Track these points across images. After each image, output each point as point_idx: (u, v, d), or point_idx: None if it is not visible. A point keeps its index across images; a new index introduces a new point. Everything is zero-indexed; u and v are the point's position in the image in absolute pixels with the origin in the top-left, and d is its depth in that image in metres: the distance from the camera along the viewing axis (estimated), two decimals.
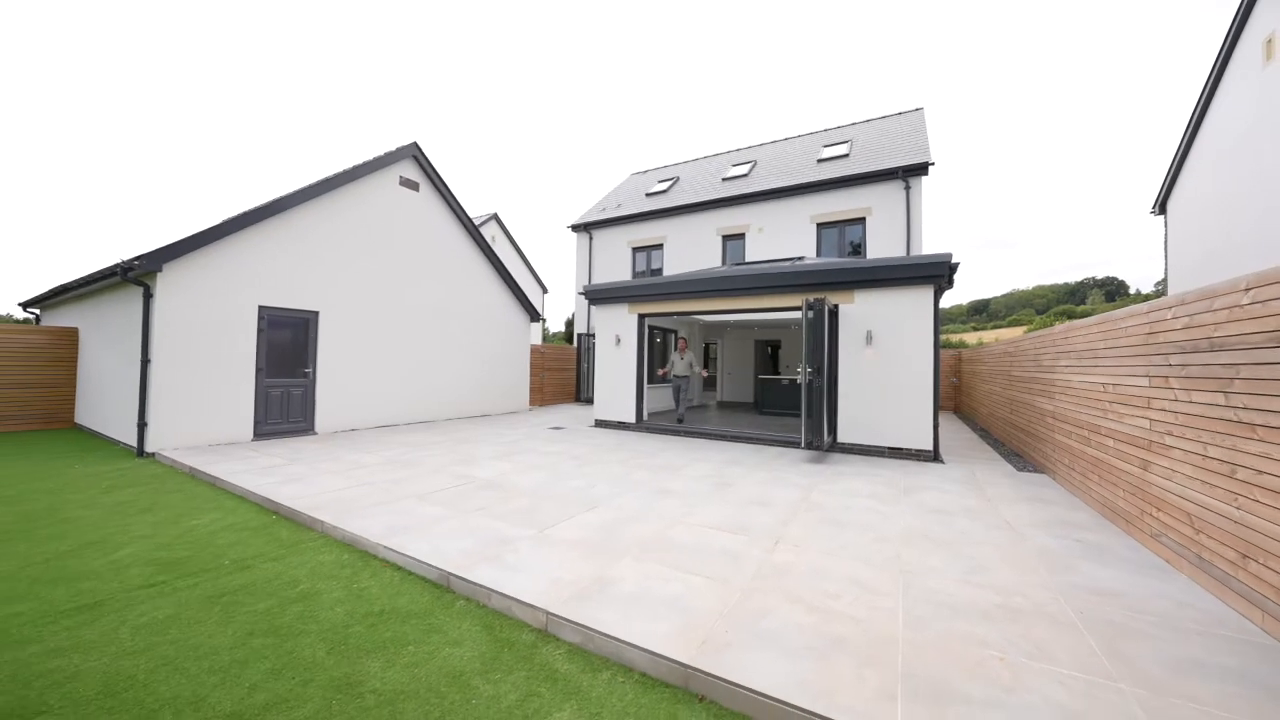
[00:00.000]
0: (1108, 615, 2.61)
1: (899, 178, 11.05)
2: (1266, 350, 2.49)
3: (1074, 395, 5.10)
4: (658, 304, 9.25)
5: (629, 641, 2.29)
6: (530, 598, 2.71)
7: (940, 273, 6.87)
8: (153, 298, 6.81)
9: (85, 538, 3.77)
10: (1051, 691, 1.98)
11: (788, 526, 3.98)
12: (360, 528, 3.79)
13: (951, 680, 2.05)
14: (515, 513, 4.24)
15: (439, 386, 10.62)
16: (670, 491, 5.03)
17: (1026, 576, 3.09)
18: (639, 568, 3.13)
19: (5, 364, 8.94)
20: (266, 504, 4.58)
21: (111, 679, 2.13)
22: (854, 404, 7.33)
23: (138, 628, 2.54)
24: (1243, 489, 2.64)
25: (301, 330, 8.36)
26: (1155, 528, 3.49)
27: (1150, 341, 3.62)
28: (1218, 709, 1.89)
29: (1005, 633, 2.42)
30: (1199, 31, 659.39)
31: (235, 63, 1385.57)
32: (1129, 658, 2.23)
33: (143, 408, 6.79)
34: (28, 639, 2.43)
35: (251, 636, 2.48)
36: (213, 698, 2.03)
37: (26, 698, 2.01)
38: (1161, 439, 3.44)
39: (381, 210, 9.65)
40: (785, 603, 2.70)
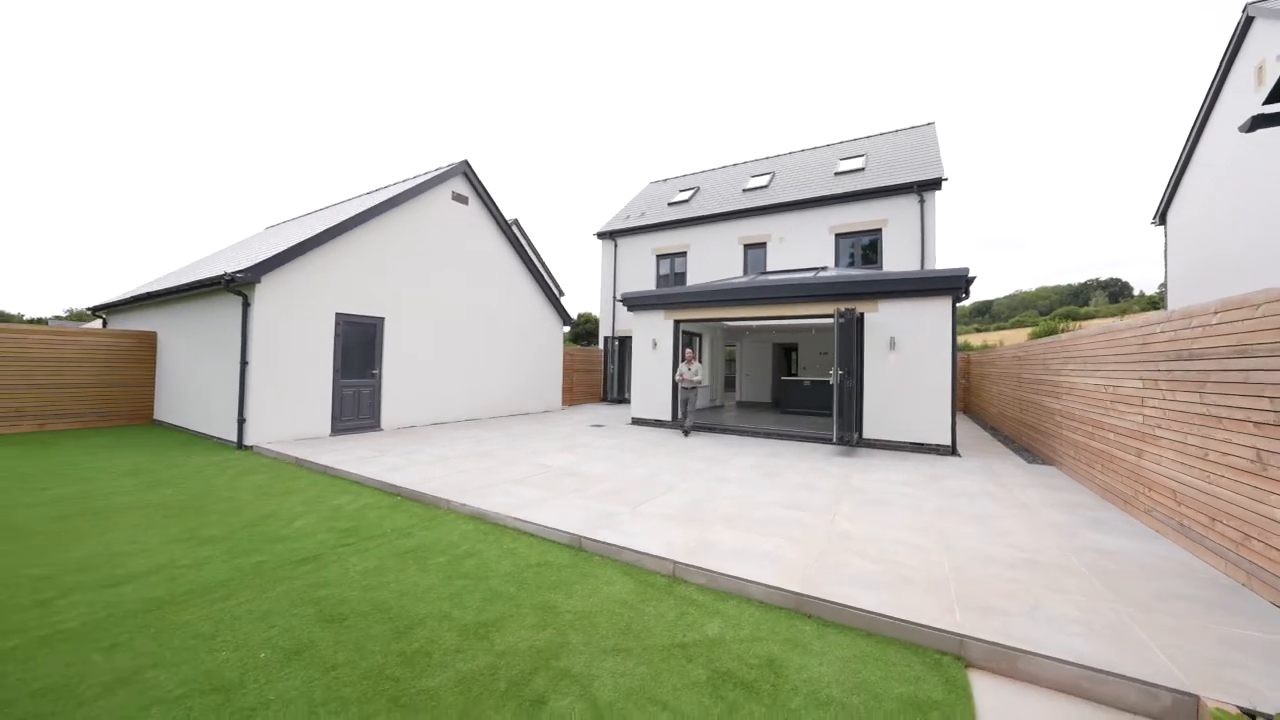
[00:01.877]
0: (1106, 566, 3.36)
1: (914, 192, 11.80)
2: (1230, 360, 3.24)
3: (1079, 395, 5.85)
4: (693, 311, 10.02)
5: (747, 579, 3.06)
6: (655, 552, 3.47)
7: (957, 285, 7.62)
8: (250, 306, 7.60)
9: (257, 512, 4.55)
10: (1066, 609, 2.74)
11: (838, 505, 4.74)
12: (484, 504, 4.56)
13: (992, 602, 2.80)
14: (604, 494, 5.01)
15: (486, 386, 11.40)
16: (727, 479, 5.79)
17: (1041, 540, 3.84)
18: (730, 534, 3.89)
19: (96, 365, 9.76)
20: (387, 488, 5.35)
21: (372, 604, 2.90)
22: (878, 403, 8.08)
23: (361, 573, 3.31)
24: (1212, 468, 3.39)
25: (370, 335, 9.15)
26: (1148, 504, 4.23)
27: (1143, 351, 4.36)
28: (1187, 618, 2.64)
29: (1028, 575, 3.18)
30: (1207, 36, 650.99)
31: (261, 69, 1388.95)
32: (1123, 590, 2.98)
33: (242, 405, 7.58)
34: (287, 577, 3.20)
35: (450, 579, 3.24)
36: (453, 615, 2.79)
37: (322, 611, 2.78)
38: (1153, 431, 4.19)
39: (436, 223, 10.43)
40: (855, 557, 3.45)
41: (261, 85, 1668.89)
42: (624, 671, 2.28)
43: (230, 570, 3.29)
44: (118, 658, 2.32)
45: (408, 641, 2.50)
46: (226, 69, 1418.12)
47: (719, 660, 2.39)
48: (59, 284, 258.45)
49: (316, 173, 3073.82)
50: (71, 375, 9.43)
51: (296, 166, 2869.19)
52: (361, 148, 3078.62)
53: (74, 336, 9.57)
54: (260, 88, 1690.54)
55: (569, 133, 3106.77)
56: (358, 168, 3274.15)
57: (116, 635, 2.50)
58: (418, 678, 2.22)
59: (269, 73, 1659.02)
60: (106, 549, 3.61)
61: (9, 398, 8.75)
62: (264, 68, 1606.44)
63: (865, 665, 2.36)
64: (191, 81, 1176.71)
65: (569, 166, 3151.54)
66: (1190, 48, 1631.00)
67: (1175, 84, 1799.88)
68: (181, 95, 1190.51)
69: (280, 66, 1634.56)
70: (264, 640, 2.49)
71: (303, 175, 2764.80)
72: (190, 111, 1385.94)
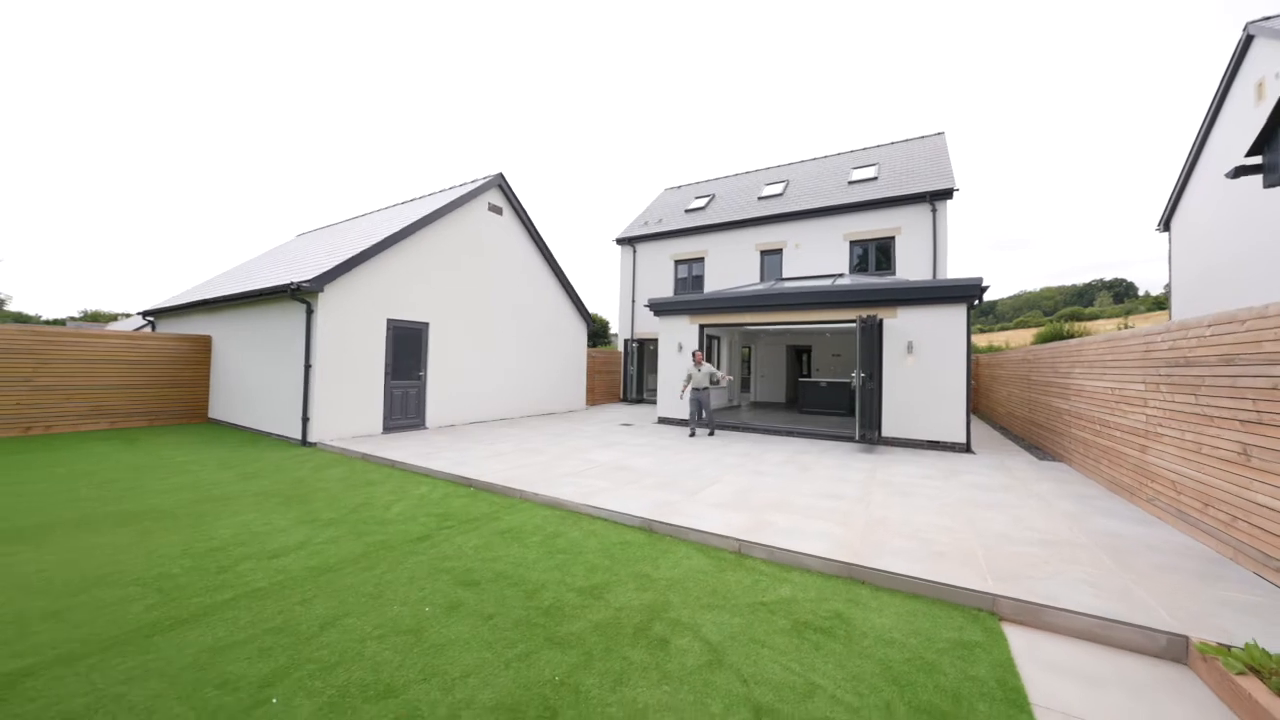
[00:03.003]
0: (1114, 545, 3.89)
1: (926, 201, 12.31)
2: (1219, 367, 3.76)
3: (1087, 397, 6.36)
4: (718, 316, 10.56)
5: (805, 552, 3.60)
6: (720, 531, 4.02)
7: (972, 294, 8.14)
8: (314, 313, 8.19)
9: (353, 500, 5.11)
10: (1080, 575, 3.27)
11: (871, 495, 5.28)
12: (557, 494, 5.12)
13: (1016, 571, 3.34)
14: (659, 485, 5.56)
15: (519, 387, 11.98)
16: (764, 473, 6.33)
17: (1055, 524, 4.37)
18: (781, 517, 4.43)
19: (158, 367, 10.39)
20: (459, 480, 5.92)
21: (494, 573, 3.45)
22: (897, 404, 8.60)
23: (473, 549, 3.86)
24: (1206, 460, 3.91)
25: (416, 339, 9.73)
26: (1150, 494, 4.76)
27: (1146, 357, 4.88)
28: (1181, 584, 3.17)
29: (1045, 551, 3.71)
30: (1216, 40, 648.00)
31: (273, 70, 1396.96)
32: (1127, 563, 3.51)
33: (306, 404, 8.17)
34: (412, 552, 3.76)
35: (550, 554, 3.79)
36: (566, 581, 3.35)
37: (457, 578, 3.34)
38: (1155, 429, 4.71)
39: (473, 233, 11.01)
40: (894, 536, 3.99)
41: (272, 87, 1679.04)
42: (722, 622, 2.83)
43: (362, 546, 3.86)
44: (314, 608, 2.89)
45: (539, 600, 3.05)
46: (234, 71, 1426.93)
47: (796, 613, 2.93)
48: (73, 286, 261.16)
49: (320, 175, 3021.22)
50: (138, 376, 10.06)
51: (303, 169, 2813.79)
52: (363, 150, 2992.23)
53: (140, 341, 10.19)
54: (271, 89, 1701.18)
55: (576, 137, 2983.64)
56: (359, 169, 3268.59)
57: (302, 593, 3.07)
58: (559, 625, 2.77)
59: (279, 74, 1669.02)
60: (246, 529, 4.19)
61: (87, 397, 9.39)
62: (275, 69, 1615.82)
63: (916, 618, 2.90)
64: (197, 85, 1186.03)
65: (575, 170, 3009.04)
66: (1199, 51, 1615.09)
67: (1184, 85, 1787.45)
68: (188, 100, 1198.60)
69: (292, 69, 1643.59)
70: (421, 598, 3.05)
71: (308, 178, 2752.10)
72: (197, 116, 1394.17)
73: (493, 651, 2.50)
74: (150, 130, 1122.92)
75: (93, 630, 2.62)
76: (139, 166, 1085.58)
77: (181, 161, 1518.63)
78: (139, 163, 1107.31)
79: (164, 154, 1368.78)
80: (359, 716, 2.02)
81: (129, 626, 2.66)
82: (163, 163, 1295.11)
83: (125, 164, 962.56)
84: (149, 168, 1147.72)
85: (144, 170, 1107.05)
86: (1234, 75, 10.76)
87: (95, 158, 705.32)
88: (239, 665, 2.34)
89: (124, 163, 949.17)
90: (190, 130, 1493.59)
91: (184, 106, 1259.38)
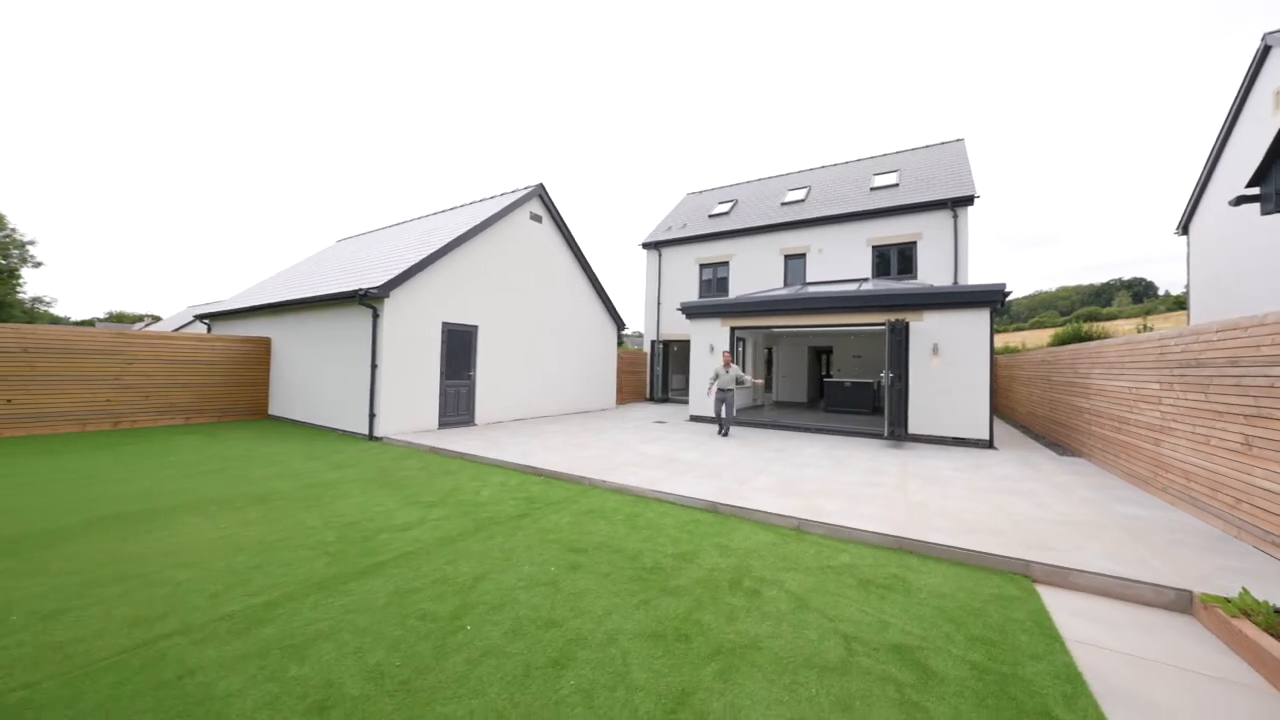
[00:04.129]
0: (1130, 526, 4.40)
1: (947, 208, 12.75)
2: (1225, 368, 4.26)
3: (1107, 396, 6.83)
4: (749, 319, 11.12)
5: (858, 528, 4.17)
6: (779, 512, 4.59)
7: (994, 299, 8.62)
8: (380, 317, 8.89)
9: (442, 486, 5.76)
10: (1101, 548, 3.80)
11: (906, 484, 5.82)
12: (625, 481, 5.73)
13: (1045, 543, 3.87)
14: (710, 474, 6.14)
15: (557, 386, 12.64)
16: (804, 465, 6.89)
17: (1077, 509, 4.88)
18: (830, 502, 5.00)
19: (225, 368, 11.18)
20: (529, 469, 6.54)
21: (594, 543, 4.06)
22: (923, 402, 9.10)
23: (566, 524, 4.47)
24: (1214, 451, 4.40)
25: (467, 341, 10.41)
26: (1164, 483, 5.24)
27: (1161, 359, 5.37)
28: (1189, 554, 3.69)
29: (1069, 529, 4.23)
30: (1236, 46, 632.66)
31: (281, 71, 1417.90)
32: (1142, 539, 4.03)
33: (372, 402, 8.87)
34: (517, 528, 4.38)
35: (634, 530, 4.39)
36: (658, 549, 3.94)
37: (566, 547, 3.95)
38: (1169, 424, 5.19)
39: (516, 241, 11.67)
40: (934, 516, 4.54)
41: (291, 90, 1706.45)
42: (799, 580, 3.41)
43: (472, 523, 4.49)
44: (461, 568, 3.52)
45: (641, 563, 3.65)
46: (251, 75, 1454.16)
47: (859, 574, 3.50)
48: (97, 287, 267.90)
49: (338, 178, 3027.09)
50: (207, 376, 10.86)
51: (322, 172, 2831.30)
52: (379, 154, 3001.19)
53: (209, 342, 10.98)
54: (290, 93, 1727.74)
55: (593, 140, 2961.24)
56: (360, 171, 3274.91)
57: (444, 557, 3.70)
58: (666, 580, 3.37)
59: (298, 78, 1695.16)
60: (365, 509, 4.84)
61: (164, 395, 10.19)
62: (294, 72, 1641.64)
63: (961, 579, 3.46)
64: (215, 90, 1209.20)
65: (592, 172, 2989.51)
66: (1228, 48, 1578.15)
67: (1211, 83, 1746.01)
68: (207, 105, 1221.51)
69: (312, 71, 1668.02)
70: (544, 561, 3.66)
71: (327, 181, 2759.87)
72: (217, 124, 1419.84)
73: (620, 598, 3.10)
74: (169, 134, 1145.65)
75: (296, 578, 3.27)
76: (158, 170, 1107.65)
77: (202, 166, 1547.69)
78: (158, 166, 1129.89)
79: (185, 158, 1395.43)
80: (538, 638, 2.63)
81: (322, 577, 3.31)
82: (184, 167, 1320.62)
83: (143, 167, 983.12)
84: (169, 171, 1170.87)
85: (162, 173, 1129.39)
86: (1252, 84, 11.08)
87: (114, 161, 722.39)
88: (426, 604, 2.97)
89: (142, 166, 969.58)
90: (209, 136, 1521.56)
91: (203, 112, 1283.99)
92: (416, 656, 2.44)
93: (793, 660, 2.46)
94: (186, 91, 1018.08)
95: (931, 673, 2.38)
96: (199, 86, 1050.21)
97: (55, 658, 2.37)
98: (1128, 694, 2.27)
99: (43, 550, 3.65)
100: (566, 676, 2.30)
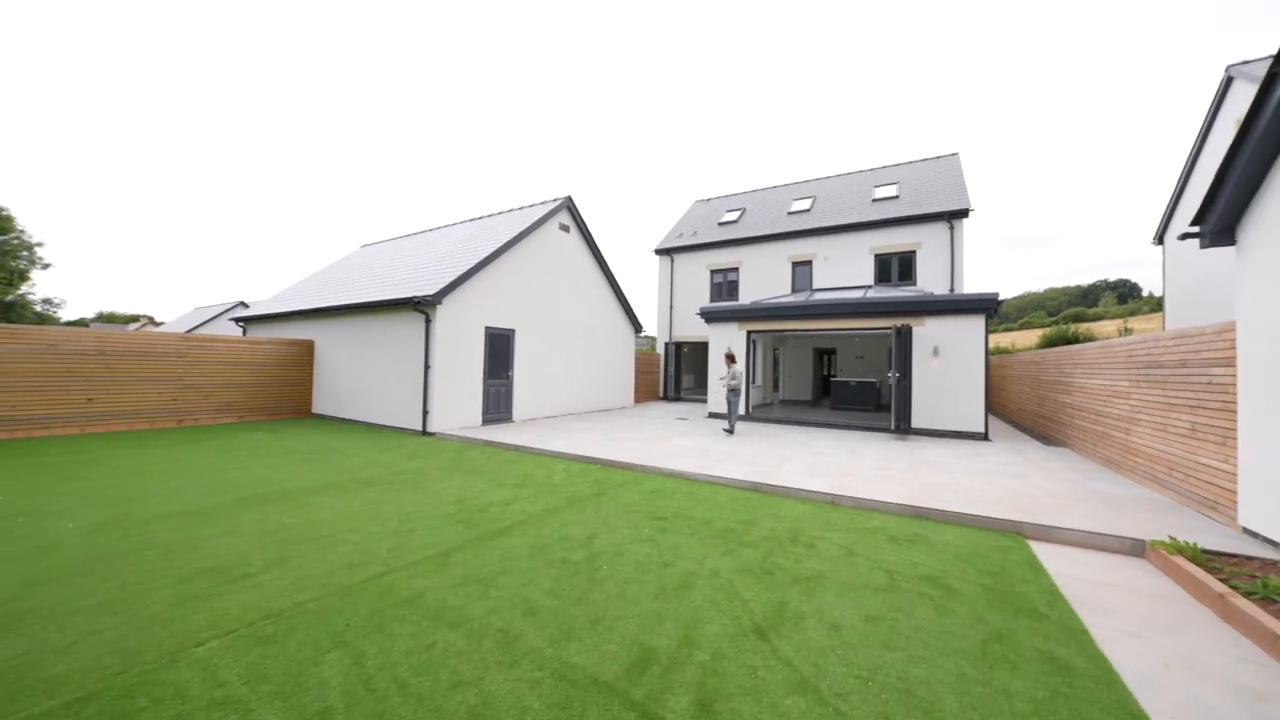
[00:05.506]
0: (1103, 498, 5.36)
1: (944, 220, 13.76)
2: (1178, 368, 5.22)
3: (1086, 392, 7.82)
4: (764, 323, 12.05)
5: (883, 500, 5.09)
6: (813, 489, 5.51)
7: (989, 306, 9.61)
8: (432, 322, 9.71)
9: (516, 472, 6.61)
10: (1084, 512, 4.74)
11: (915, 468, 6.76)
12: (675, 466, 6.61)
13: (1034, 511, 4.81)
14: (746, 462, 7.04)
15: (583, 386, 13.51)
16: (823, 453, 7.81)
17: (1061, 487, 5.84)
18: (854, 482, 5.92)
19: (273, 369, 11.93)
20: (585, 458, 7.40)
21: (669, 513, 4.94)
22: (925, 399, 10.07)
23: (639, 500, 5.35)
24: (1170, 437, 5.37)
25: (505, 343, 11.24)
26: (1132, 466, 6.22)
27: (1130, 360, 6.34)
28: (1147, 518, 4.64)
29: (1055, 501, 5.18)
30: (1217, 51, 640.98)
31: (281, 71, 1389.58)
32: (1112, 507, 4.98)
33: (425, 400, 9.69)
34: (601, 503, 5.25)
35: (696, 504, 5.27)
36: (723, 517, 4.82)
37: (647, 515, 4.83)
38: (1136, 416, 6.17)
39: (547, 249, 12.52)
40: (943, 491, 5.48)
41: (289, 94, 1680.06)
42: (842, 537, 4.31)
43: (559, 500, 5.35)
44: (572, 530, 4.38)
45: (714, 527, 4.54)
46: (244, 75, 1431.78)
47: (888, 533, 4.42)
48: (85, 286, 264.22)
49: (324, 178, 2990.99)
50: (257, 377, 11.61)
51: (310, 174, 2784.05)
52: (371, 157, 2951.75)
53: (258, 345, 11.73)
54: (288, 97, 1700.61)
55: (599, 145, 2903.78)
56: (365, 176, 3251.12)
57: (555, 523, 4.56)
58: (739, 537, 4.26)
59: (297, 82, 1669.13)
60: (462, 489, 5.69)
61: (221, 395, 10.94)
62: (286, 73, 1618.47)
63: (968, 536, 4.39)
64: (208, 90, 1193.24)
65: (595, 175, 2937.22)
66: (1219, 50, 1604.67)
67: (1198, 88, 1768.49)
68: (200, 107, 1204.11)
69: (312, 75, 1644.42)
70: (635, 525, 4.54)
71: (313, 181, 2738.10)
72: (208, 125, 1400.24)
73: (709, 549, 3.99)
74: (173, 133, 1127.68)
75: (448, 538, 4.13)
76: (160, 170, 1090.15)
77: (207, 166, 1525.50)
78: (161, 166, 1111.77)
79: (190, 159, 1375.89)
80: (661, 573, 3.51)
81: (468, 537, 4.17)
82: (187, 167, 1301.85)
83: (146, 167, 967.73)
84: (171, 172, 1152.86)
85: (165, 174, 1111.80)
86: (1217, 111, 12.18)
87: (118, 161, 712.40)
88: (562, 554, 3.84)
89: (145, 166, 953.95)
90: (217, 137, 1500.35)
91: (209, 113, 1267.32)
92: (576, 585, 3.30)
93: (852, 584, 3.37)
94: (191, 93, 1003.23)
95: (953, 590, 3.30)
96: (203, 87, 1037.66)
97: (312, 586, 3.21)
98: (1092, 603, 3.19)
99: (220, 522, 4.47)
100: (694, 594, 3.19)
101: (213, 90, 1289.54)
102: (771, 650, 2.55)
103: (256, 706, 2.08)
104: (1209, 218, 4.61)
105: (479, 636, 2.63)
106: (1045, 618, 2.96)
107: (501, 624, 2.77)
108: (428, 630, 2.69)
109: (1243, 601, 2.94)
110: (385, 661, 2.40)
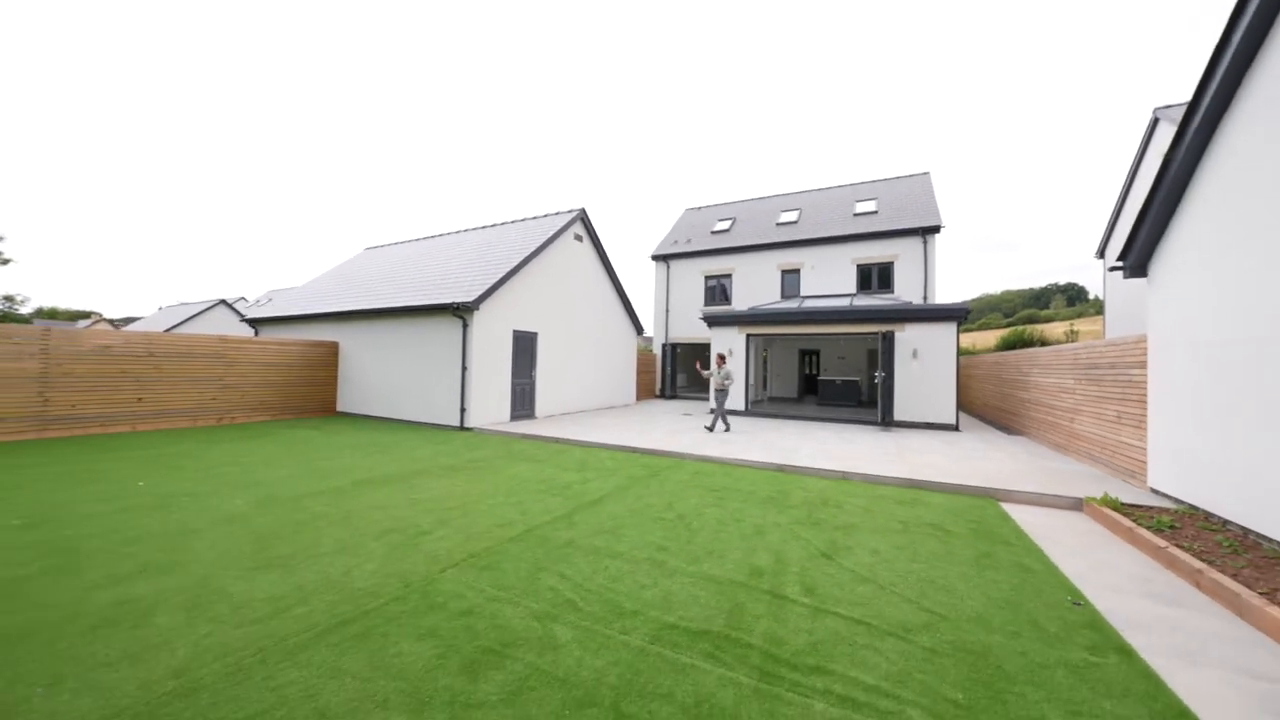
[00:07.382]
0: (1052, 472, 6.79)
1: (919, 235, 15.38)
2: (1109, 368, 6.69)
3: (1040, 389, 9.38)
4: (762, 327, 13.34)
5: (886, 474, 6.38)
6: (828, 468, 6.76)
7: (960, 315, 11.14)
8: (468, 326, 10.57)
9: (569, 459, 7.62)
10: (1032, 480, 6.12)
11: (903, 453, 8.12)
12: (708, 452, 7.77)
13: (1003, 480, 6.17)
14: (762, 449, 8.26)
15: (594, 384, 14.53)
16: (824, 442, 9.12)
17: (1019, 465, 7.28)
18: (857, 463, 7.20)
19: (302, 370, 12.51)
20: (624, 448, 8.47)
21: (718, 489, 6.08)
22: (904, 395, 11.54)
23: (690, 479, 6.47)
24: (1103, 423, 6.85)
25: (530, 345, 12.17)
26: (1075, 448, 7.73)
27: (1075, 362, 7.85)
28: (1085, 484, 6.06)
29: (1015, 475, 6.57)
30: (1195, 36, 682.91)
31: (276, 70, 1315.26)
32: (1056, 478, 6.40)
33: (463, 398, 10.56)
34: (662, 481, 6.35)
35: (735, 481, 6.43)
36: (759, 490, 6.00)
37: (705, 490, 5.96)
38: (1079, 408, 7.67)
39: (563, 258, 13.48)
40: (929, 469, 6.81)
41: (276, 91, 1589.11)
42: (860, 501, 5.55)
43: (623, 479, 6.42)
44: (648, 500, 5.47)
45: (759, 496, 5.71)
46: (236, 74, 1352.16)
47: (894, 499, 5.68)
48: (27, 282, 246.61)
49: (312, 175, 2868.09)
50: (288, 377, 12.18)
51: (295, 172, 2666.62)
52: (362, 154, 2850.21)
53: (288, 346, 12.29)
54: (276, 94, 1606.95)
55: (591, 149, 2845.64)
56: (356, 171, 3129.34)
57: (633, 495, 5.64)
58: (782, 502, 5.44)
59: (286, 79, 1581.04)
60: (533, 474, 6.68)
61: (256, 394, 11.50)
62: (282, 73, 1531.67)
63: (952, 499, 5.69)
64: (205, 90, 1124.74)
65: (585, 179, 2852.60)
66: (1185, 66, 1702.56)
67: (1153, 86, 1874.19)
68: (192, 105, 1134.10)
69: (299, 73, 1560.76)
70: (699, 495, 5.66)
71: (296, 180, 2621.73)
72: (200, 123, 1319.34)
73: (764, 510, 5.15)
74: (158, 131, 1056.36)
75: (557, 506, 5.15)
76: (137, 168, 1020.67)
77: (187, 168, 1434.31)
78: (140, 164, 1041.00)
79: (168, 160, 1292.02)
80: (736, 527, 4.64)
81: (572, 506, 5.20)
82: (165, 169, 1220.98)
83: (124, 164, 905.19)
84: (145, 171, 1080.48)
85: (140, 173, 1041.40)
86: (1146, 147, 14.14)
87: (90, 157, 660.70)
88: (655, 514, 4.93)
89: (123, 162, 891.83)
90: (204, 137, 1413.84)
91: (200, 114, 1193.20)
92: (680, 534, 4.41)
93: (879, 529, 4.59)
94: (188, 91, 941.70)
95: (950, 531, 4.56)
96: (198, 88, 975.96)
97: (484, 538, 4.21)
98: (1045, 537, 4.50)
99: (357, 499, 5.35)
100: (769, 536, 4.34)
101: (209, 88, 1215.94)
102: (837, 565, 3.73)
103: (519, 599, 3.11)
104: (1129, 257, 6.05)
105: (636, 563, 3.72)
106: (1014, 545, 4.25)
107: (645, 555, 3.86)
108: (597, 560, 3.75)
109: (1143, 531, 4.30)
110: (583, 578, 3.45)
